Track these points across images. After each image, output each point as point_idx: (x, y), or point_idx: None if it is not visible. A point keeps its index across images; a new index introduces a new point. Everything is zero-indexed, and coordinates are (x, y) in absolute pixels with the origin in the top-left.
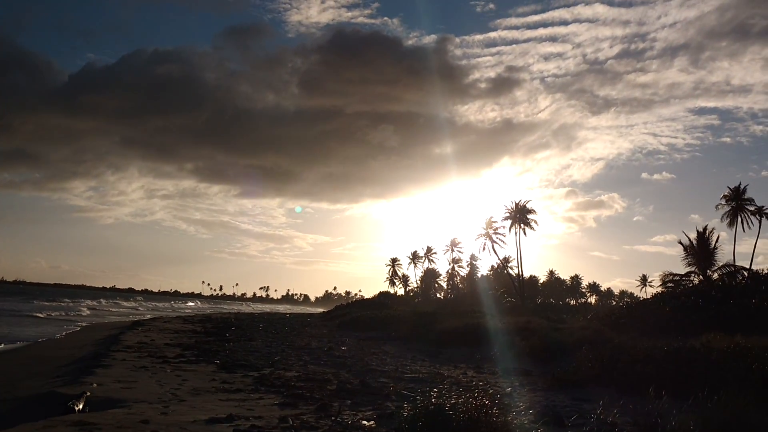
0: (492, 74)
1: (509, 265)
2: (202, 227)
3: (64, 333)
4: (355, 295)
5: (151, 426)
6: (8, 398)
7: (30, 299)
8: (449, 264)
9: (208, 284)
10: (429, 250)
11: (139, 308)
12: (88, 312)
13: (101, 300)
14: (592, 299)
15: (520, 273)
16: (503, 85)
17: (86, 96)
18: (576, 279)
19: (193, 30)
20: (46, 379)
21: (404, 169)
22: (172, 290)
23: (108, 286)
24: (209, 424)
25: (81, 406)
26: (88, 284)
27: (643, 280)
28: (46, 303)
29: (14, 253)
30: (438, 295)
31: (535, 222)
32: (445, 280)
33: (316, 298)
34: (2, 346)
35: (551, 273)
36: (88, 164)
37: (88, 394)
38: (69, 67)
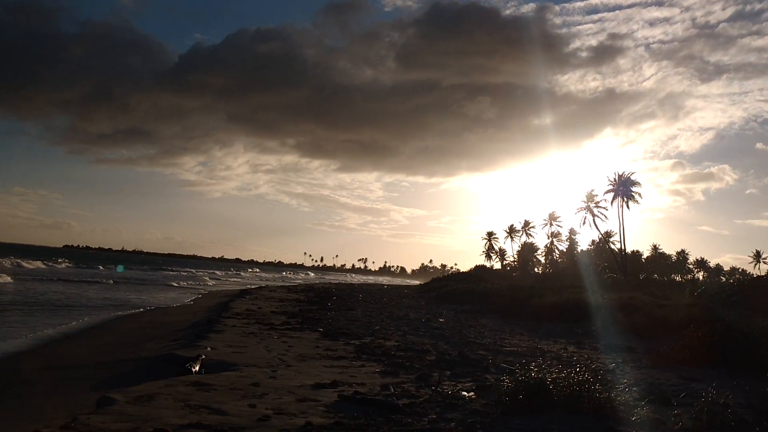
0: (593, 42)
1: (611, 239)
2: (303, 200)
3: (187, 300)
4: (451, 268)
5: (261, 389)
6: (133, 359)
7: (156, 268)
8: (548, 238)
9: (310, 255)
10: (526, 224)
11: (255, 278)
12: (212, 282)
13: (227, 270)
14: (700, 275)
15: (623, 248)
16: (605, 53)
17: (194, 75)
18: (682, 254)
19: (295, 7)
20: (165, 341)
21: (501, 141)
22: (276, 261)
23: (217, 257)
24: (315, 389)
25: (197, 368)
26: (198, 254)
27: (757, 256)
28: (171, 272)
29: (133, 224)
30: (536, 269)
31: (639, 195)
32: (543, 254)
33: (413, 271)
34: (131, 311)
35: (655, 248)
36: (197, 140)
37: (203, 357)
38: (179, 48)
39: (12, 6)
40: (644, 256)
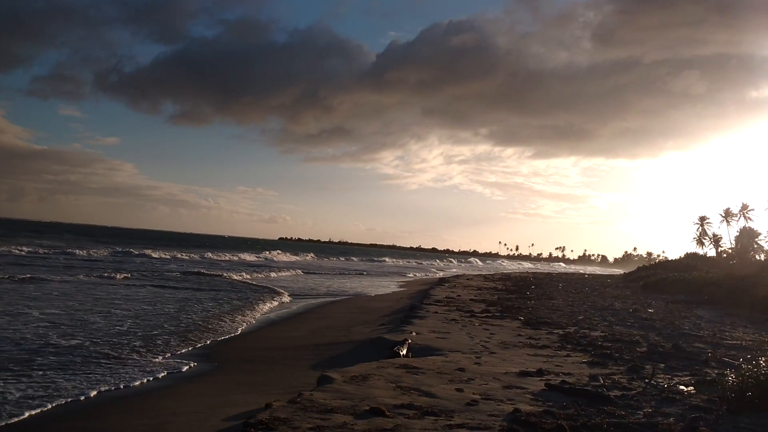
0: None
1: None
2: (497, 189)
3: (391, 288)
4: (658, 256)
5: (467, 374)
6: (345, 341)
7: (372, 258)
8: None
9: (505, 244)
10: (745, 206)
11: (451, 267)
12: (412, 271)
13: (430, 260)
14: None
15: None
16: None
17: (391, 72)
18: None
19: None
20: (373, 326)
21: (712, 117)
22: (471, 250)
23: (415, 246)
24: (520, 376)
25: (404, 352)
26: (397, 245)
27: None
28: (389, 262)
29: (338, 217)
30: (758, 256)
31: None
32: (767, 240)
33: (615, 259)
34: (340, 298)
35: None
36: (394, 136)
37: (409, 341)
38: (375, 48)
39: (234, 23)
40: None
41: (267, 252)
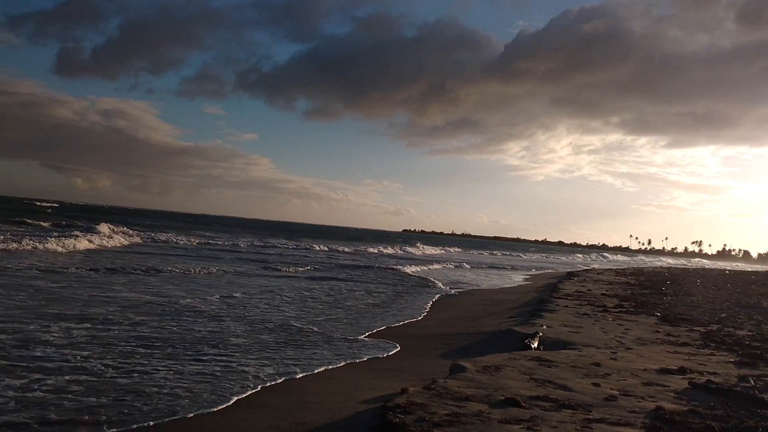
0: None
1: None
2: (628, 180)
3: (517, 281)
4: None
5: (603, 369)
6: (474, 332)
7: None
8: None
9: (636, 238)
10: None
11: (580, 262)
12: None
13: (565, 255)
14: None
15: None
16: None
17: (519, 62)
18: None
19: None
20: (501, 318)
21: None
22: (600, 243)
23: (540, 239)
24: (660, 373)
25: (536, 345)
26: (522, 237)
27: None
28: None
29: (462, 209)
30: None
31: None
32: None
33: (759, 255)
34: (468, 289)
35: None
36: (520, 126)
37: (540, 334)
38: (503, 38)
39: (365, 20)
40: None
41: (407, 245)
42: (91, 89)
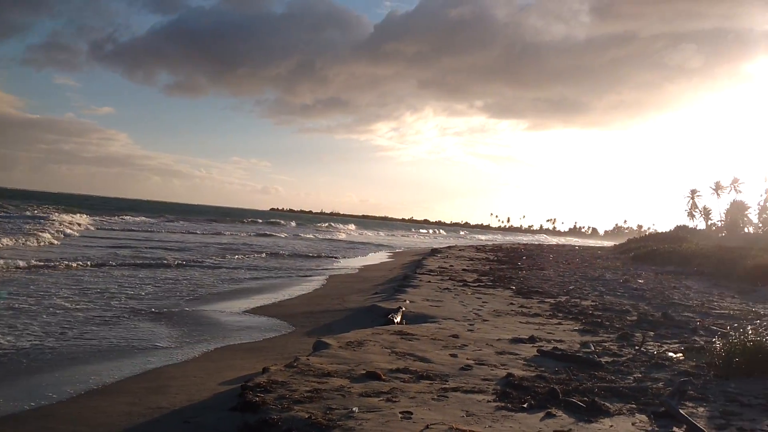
0: None
1: None
2: (490, 161)
3: (383, 258)
4: (648, 228)
5: (460, 340)
6: (340, 309)
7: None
8: (762, 195)
9: (496, 216)
10: (735, 180)
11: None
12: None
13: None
14: None
15: None
16: None
17: (388, 44)
18: None
19: None
20: (367, 295)
21: (707, 90)
22: (463, 222)
23: (406, 218)
24: (513, 343)
25: (399, 319)
26: (390, 216)
27: None
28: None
29: (331, 188)
30: (747, 229)
31: None
32: (757, 213)
33: (605, 232)
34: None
35: None
36: (389, 107)
37: (403, 309)
38: (373, 18)
39: None
40: None
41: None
42: None
